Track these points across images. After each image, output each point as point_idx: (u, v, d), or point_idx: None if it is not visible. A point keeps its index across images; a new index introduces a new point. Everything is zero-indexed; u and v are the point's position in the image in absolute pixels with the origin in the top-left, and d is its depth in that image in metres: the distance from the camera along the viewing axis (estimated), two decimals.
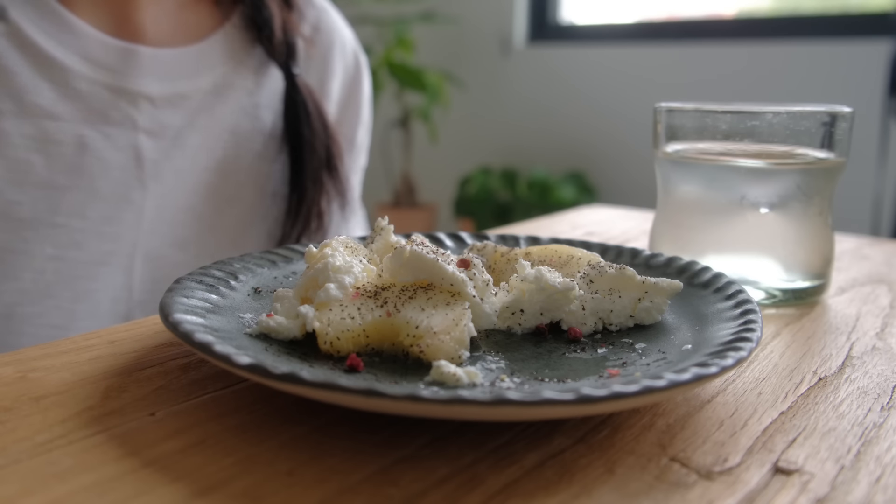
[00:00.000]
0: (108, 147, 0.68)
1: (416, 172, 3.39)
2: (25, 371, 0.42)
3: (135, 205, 0.69)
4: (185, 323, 0.39)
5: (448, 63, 3.29)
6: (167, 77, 0.72)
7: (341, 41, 0.87)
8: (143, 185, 0.69)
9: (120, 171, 0.68)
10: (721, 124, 0.59)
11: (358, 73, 0.89)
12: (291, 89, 0.77)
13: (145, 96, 0.70)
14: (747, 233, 0.60)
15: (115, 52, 0.69)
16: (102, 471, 0.32)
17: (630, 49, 2.85)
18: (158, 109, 0.70)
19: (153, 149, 0.70)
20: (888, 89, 2.14)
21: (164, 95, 0.71)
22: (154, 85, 0.71)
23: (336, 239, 0.51)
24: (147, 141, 0.70)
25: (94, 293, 0.68)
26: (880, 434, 0.38)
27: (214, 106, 0.74)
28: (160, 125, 0.71)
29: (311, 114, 0.77)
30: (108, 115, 0.68)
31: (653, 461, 0.34)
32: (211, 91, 0.74)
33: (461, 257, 0.47)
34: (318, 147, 0.77)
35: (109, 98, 0.68)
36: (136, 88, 0.69)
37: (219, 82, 0.75)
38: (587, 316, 0.46)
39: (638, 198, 2.53)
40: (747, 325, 0.42)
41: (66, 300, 0.66)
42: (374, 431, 0.36)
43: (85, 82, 0.67)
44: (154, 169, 0.70)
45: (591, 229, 0.90)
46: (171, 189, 0.72)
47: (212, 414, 0.37)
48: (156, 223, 0.71)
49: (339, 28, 0.88)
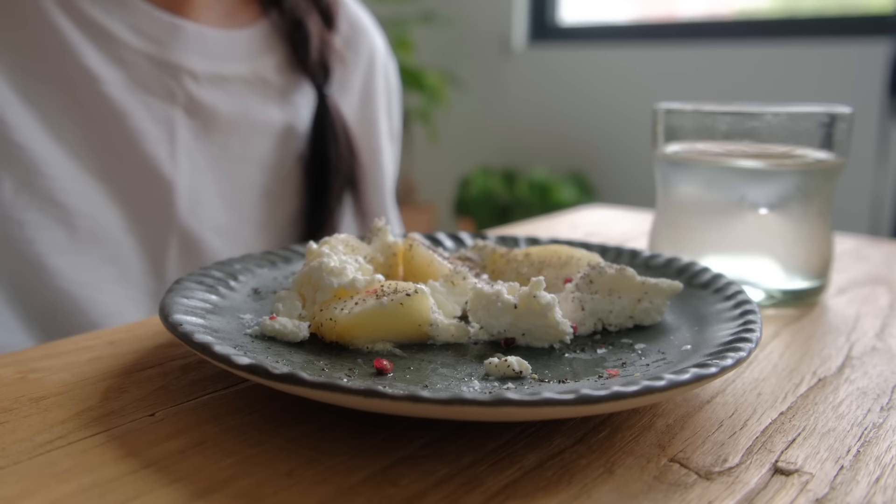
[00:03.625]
0: (145, 117, 0.69)
1: (416, 173, 3.39)
2: (25, 372, 0.42)
3: (164, 179, 0.70)
4: (184, 324, 0.39)
5: (448, 64, 3.29)
6: (210, 56, 0.73)
7: (373, 52, 0.88)
8: (174, 159, 0.70)
9: (153, 143, 0.69)
10: (721, 125, 0.59)
11: (389, 80, 0.91)
12: (322, 110, 0.79)
13: (188, 71, 0.71)
14: (747, 233, 0.61)
15: (161, 25, 0.70)
16: (102, 471, 0.32)
17: (630, 49, 2.85)
18: (200, 86, 0.72)
19: (187, 126, 0.71)
20: (888, 89, 2.14)
21: (205, 73, 0.72)
22: (197, 61, 0.72)
23: (336, 237, 0.52)
24: (183, 117, 0.71)
25: (123, 259, 0.69)
26: (880, 434, 0.38)
27: (252, 95, 0.76)
28: (198, 103, 0.72)
29: (339, 136, 0.79)
30: (150, 86, 0.69)
31: (652, 461, 0.34)
32: (250, 79, 0.76)
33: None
34: (342, 168, 0.79)
35: (152, 70, 0.69)
36: (179, 62, 0.71)
37: (258, 72, 0.76)
38: (586, 316, 0.46)
39: (638, 198, 2.53)
40: (747, 326, 0.42)
41: (96, 259, 0.67)
42: (374, 432, 0.36)
43: (129, 51, 0.68)
44: (185, 147, 0.71)
45: (591, 230, 0.90)
46: (203, 171, 0.73)
47: (212, 414, 0.37)
48: (192, 204, 0.72)
49: (373, 38, 0.88)
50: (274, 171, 0.78)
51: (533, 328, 0.43)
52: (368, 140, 0.86)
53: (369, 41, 0.87)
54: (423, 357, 0.41)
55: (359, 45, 0.86)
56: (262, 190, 0.77)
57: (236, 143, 0.75)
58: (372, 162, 0.86)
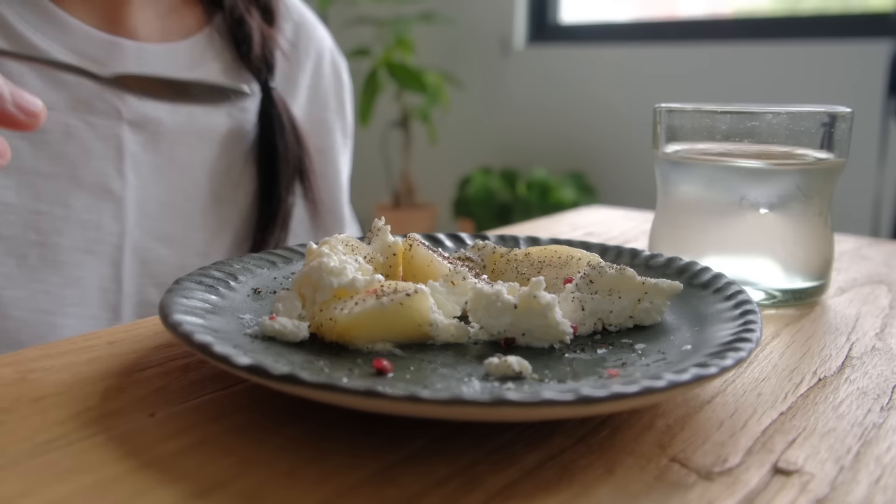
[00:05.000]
0: (91, 136, 0.69)
1: (415, 173, 3.39)
2: (25, 372, 0.42)
3: (115, 195, 0.71)
4: (184, 324, 0.39)
5: (448, 63, 3.29)
6: (152, 69, 0.73)
7: (320, 51, 0.89)
8: (122, 175, 0.71)
9: (101, 161, 0.70)
10: (721, 125, 0.59)
11: (339, 78, 0.91)
12: (267, 102, 0.80)
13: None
14: (747, 233, 0.60)
15: (100, 44, 0.71)
16: (102, 471, 0.32)
17: (630, 49, 2.85)
18: (142, 101, 0.72)
19: (134, 140, 0.72)
20: (888, 89, 2.14)
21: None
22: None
23: (336, 237, 0.52)
24: (129, 132, 0.72)
25: (82, 280, 0.69)
26: (880, 434, 0.38)
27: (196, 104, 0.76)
28: (143, 117, 0.72)
29: (286, 126, 0.80)
30: (93, 106, 0.70)
31: (652, 462, 0.34)
32: None
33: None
34: (290, 159, 0.80)
35: (95, 89, 0.70)
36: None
37: (201, 80, 0.76)
38: (586, 316, 0.46)
39: (638, 198, 2.52)
40: (747, 326, 0.42)
41: (53, 285, 0.68)
42: (374, 432, 0.36)
43: (70, 73, 0.68)
44: (133, 161, 0.72)
45: (591, 230, 0.90)
46: (151, 183, 0.73)
47: (211, 415, 0.37)
48: (140, 216, 0.72)
49: (319, 37, 0.89)
50: (224, 175, 0.79)
51: (533, 328, 0.43)
52: (320, 138, 0.87)
53: (316, 40, 0.88)
54: (423, 357, 0.41)
55: (306, 45, 0.87)
56: (213, 195, 0.78)
57: (183, 152, 0.76)
58: (324, 159, 0.87)
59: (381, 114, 3.34)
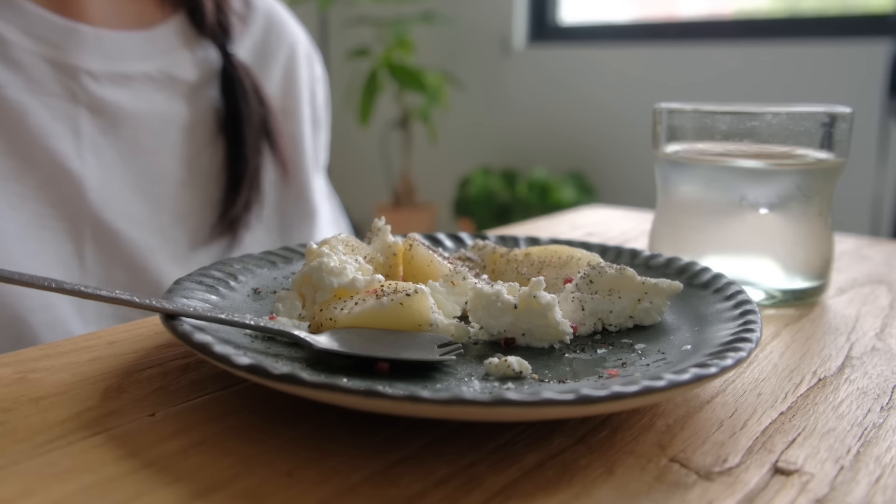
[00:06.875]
0: (47, 116, 0.70)
1: (415, 173, 3.39)
2: (25, 372, 0.42)
3: (73, 175, 0.71)
4: (184, 323, 0.39)
5: (448, 64, 3.29)
6: (109, 56, 0.74)
7: (293, 43, 0.90)
8: (80, 156, 0.72)
9: (58, 140, 0.70)
10: (721, 125, 0.59)
11: (312, 70, 0.93)
12: (228, 66, 0.81)
13: (86, 71, 0.72)
14: (747, 233, 0.61)
15: (56, 28, 0.71)
16: (102, 471, 0.32)
17: (630, 49, 2.85)
18: (100, 86, 0.73)
19: (92, 123, 0.73)
20: (888, 89, 2.14)
21: (105, 73, 0.74)
22: (95, 62, 0.73)
23: (336, 237, 0.52)
24: (87, 115, 0.72)
25: (42, 255, 0.70)
26: (880, 434, 0.38)
27: (159, 92, 0.78)
28: (101, 102, 0.73)
29: (248, 90, 0.82)
30: (49, 87, 0.70)
31: (652, 461, 0.34)
32: (156, 77, 0.78)
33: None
34: (255, 120, 0.82)
35: (50, 71, 0.70)
36: (77, 63, 0.72)
37: (164, 70, 0.78)
38: (586, 316, 0.46)
39: (638, 198, 2.53)
40: (747, 326, 0.42)
41: (16, 257, 0.68)
42: (374, 432, 0.36)
43: (26, 54, 0.70)
44: (92, 143, 0.73)
45: (591, 230, 0.90)
46: (114, 165, 0.74)
47: (211, 415, 0.37)
48: (104, 197, 0.73)
49: (292, 31, 0.91)
50: (191, 161, 0.80)
51: (533, 328, 0.43)
52: (290, 126, 0.89)
53: (289, 34, 0.90)
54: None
55: (279, 38, 0.88)
56: (180, 180, 0.79)
57: (146, 137, 0.76)
58: (292, 147, 0.88)
59: (381, 114, 3.34)
